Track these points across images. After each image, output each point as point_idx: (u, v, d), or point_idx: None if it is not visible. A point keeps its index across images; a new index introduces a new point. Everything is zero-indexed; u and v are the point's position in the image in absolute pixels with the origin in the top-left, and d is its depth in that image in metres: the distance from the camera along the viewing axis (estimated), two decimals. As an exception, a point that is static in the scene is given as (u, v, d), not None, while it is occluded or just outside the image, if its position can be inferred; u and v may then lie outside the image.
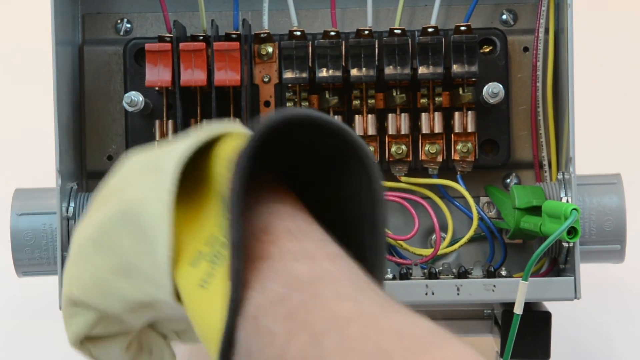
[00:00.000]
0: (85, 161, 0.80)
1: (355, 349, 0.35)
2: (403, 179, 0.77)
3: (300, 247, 0.41)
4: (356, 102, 0.76)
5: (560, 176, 0.74)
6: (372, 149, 0.76)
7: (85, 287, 0.50)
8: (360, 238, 0.44)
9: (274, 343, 0.37)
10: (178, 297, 0.44)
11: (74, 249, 0.52)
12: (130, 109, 0.75)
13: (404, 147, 0.76)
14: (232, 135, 0.44)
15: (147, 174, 0.46)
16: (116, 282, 0.48)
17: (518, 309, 0.67)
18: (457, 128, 0.76)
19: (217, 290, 0.40)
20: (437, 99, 0.76)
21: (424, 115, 0.76)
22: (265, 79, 0.78)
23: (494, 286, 0.72)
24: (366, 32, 0.75)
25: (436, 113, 0.76)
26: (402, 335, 0.35)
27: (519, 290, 0.67)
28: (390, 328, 0.36)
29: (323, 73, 0.74)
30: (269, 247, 0.41)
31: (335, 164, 0.45)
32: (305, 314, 0.37)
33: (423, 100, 0.76)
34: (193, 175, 0.44)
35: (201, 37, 0.76)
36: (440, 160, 0.76)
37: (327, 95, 0.76)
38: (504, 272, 0.75)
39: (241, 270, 0.39)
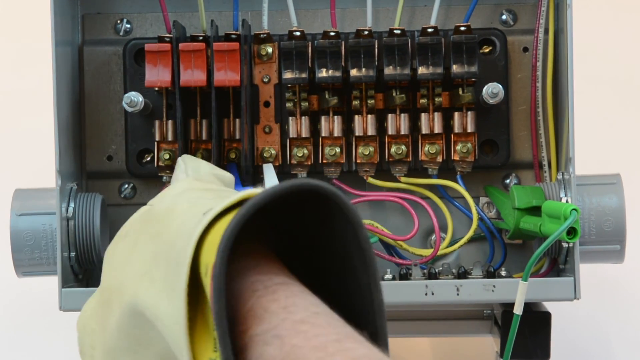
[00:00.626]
0: (85, 161, 0.80)
1: None
2: (403, 179, 0.77)
3: (265, 328, 0.40)
4: (356, 103, 0.76)
5: (560, 176, 0.74)
6: (371, 149, 0.76)
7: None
8: (361, 301, 0.44)
9: None
10: None
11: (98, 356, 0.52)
12: (130, 109, 0.75)
13: (403, 147, 0.76)
14: (217, 226, 0.43)
15: (150, 279, 0.45)
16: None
17: (518, 309, 0.67)
18: (457, 128, 0.76)
19: None
20: (436, 99, 0.76)
21: (423, 116, 0.76)
22: (265, 79, 0.78)
23: (494, 286, 0.72)
24: (366, 32, 0.75)
25: (436, 113, 0.76)
26: None
27: (518, 291, 0.67)
28: None
29: (323, 73, 0.74)
30: (242, 339, 0.41)
31: (327, 227, 0.44)
32: None
33: (423, 101, 0.76)
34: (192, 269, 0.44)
35: (201, 38, 0.76)
36: (440, 160, 0.76)
37: (326, 96, 0.76)
38: (503, 273, 0.75)
39: None
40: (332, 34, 0.75)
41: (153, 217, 0.49)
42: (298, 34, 0.76)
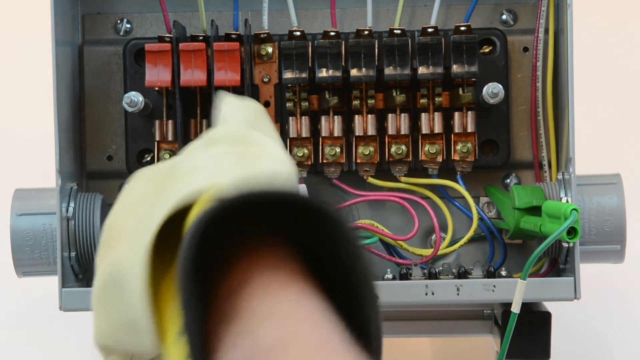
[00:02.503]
0: (85, 161, 0.80)
1: None
2: (403, 179, 0.77)
3: (269, 308, 0.39)
4: (356, 102, 0.76)
5: (560, 176, 0.74)
6: (372, 149, 0.76)
7: (109, 335, 0.49)
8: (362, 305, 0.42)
9: None
10: None
11: (92, 297, 0.52)
12: (130, 109, 0.75)
13: (403, 147, 0.76)
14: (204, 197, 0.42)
15: (129, 233, 0.44)
16: (129, 337, 0.47)
17: (516, 308, 0.67)
18: (457, 128, 0.76)
19: None
20: (437, 99, 0.76)
21: (423, 116, 0.76)
22: (265, 79, 0.79)
23: (494, 286, 0.72)
24: (366, 32, 0.75)
25: (436, 113, 0.76)
26: None
27: (517, 290, 0.67)
28: None
29: (323, 73, 0.74)
30: (237, 309, 0.40)
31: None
32: None
33: (423, 101, 0.76)
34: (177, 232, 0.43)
35: (201, 38, 0.76)
36: (440, 160, 0.76)
37: (327, 96, 0.76)
38: (503, 272, 0.75)
39: (196, 353, 0.38)
40: (332, 34, 0.75)
41: (163, 172, 0.48)
42: (298, 34, 0.76)
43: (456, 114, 0.76)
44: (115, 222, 0.47)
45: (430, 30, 0.75)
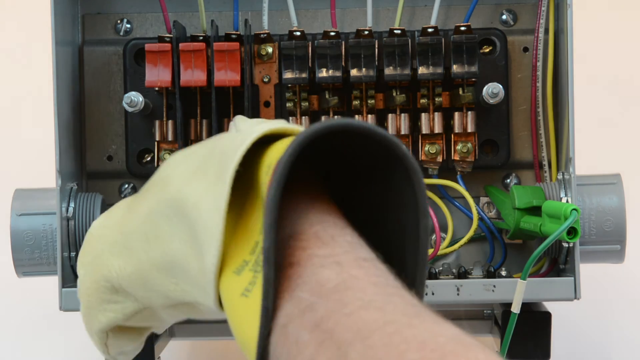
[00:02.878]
0: (85, 161, 0.80)
1: (378, 359, 0.35)
2: (403, 179, 0.77)
3: (329, 252, 0.41)
4: (356, 103, 0.76)
5: (560, 176, 0.74)
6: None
7: (129, 279, 0.50)
8: (402, 253, 0.44)
9: (302, 353, 0.38)
10: (221, 303, 0.44)
11: (112, 236, 0.52)
12: (130, 109, 0.75)
13: (403, 147, 0.76)
14: (280, 139, 0.44)
15: (199, 174, 0.46)
16: (161, 279, 0.49)
17: (516, 308, 0.67)
18: (457, 128, 0.76)
19: (256, 299, 0.41)
20: (437, 99, 0.76)
21: (423, 116, 0.76)
22: (265, 79, 0.79)
23: (494, 286, 0.72)
24: (366, 32, 0.75)
25: (436, 113, 0.76)
26: (425, 345, 0.35)
27: (517, 290, 0.67)
28: (414, 337, 0.36)
29: (323, 73, 0.74)
30: (298, 253, 0.41)
31: (380, 174, 0.45)
32: (331, 323, 0.37)
33: (423, 101, 0.76)
34: (243, 179, 0.45)
35: (201, 38, 0.76)
36: (440, 160, 0.76)
37: (327, 96, 0.76)
38: (503, 273, 0.75)
39: (272, 279, 0.40)
40: (332, 34, 0.75)
41: (211, 140, 0.50)
42: (298, 34, 0.76)
43: (456, 114, 0.76)
44: (165, 173, 0.50)
45: (430, 30, 0.75)
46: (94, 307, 0.54)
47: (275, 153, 0.43)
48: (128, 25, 0.81)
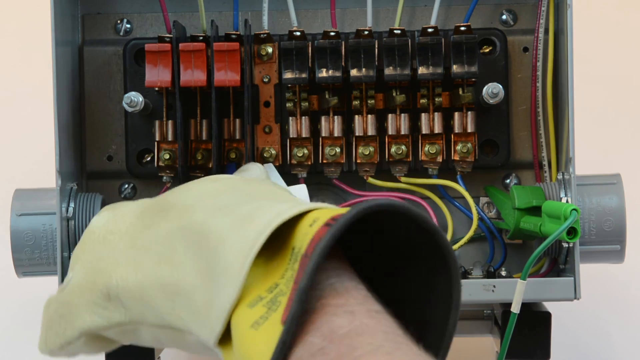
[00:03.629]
0: (85, 161, 0.80)
1: None
2: (403, 179, 0.77)
3: (342, 302, 0.43)
4: (356, 103, 0.76)
5: (560, 176, 0.74)
6: (372, 149, 0.76)
7: (129, 290, 0.51)
8: (428, 337, 0.46)
9: None
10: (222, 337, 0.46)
11: (121, 245, 0.53)
12: (130, 109, 0.75)
13: (403, 147, 0.76)
14: (315, 211, 0.47)
15: (227, 212, 0.49)
16: (161, 300, 0.50)
17: (515, 308, 0.68)
18: (457, 128, 0.76)
19: (267, 332, 0.42)
20: (437, 99, 0.76)
21: (423, 116, 0.76)
22: (265, 79, 0.78)
23: (494, 286, 0.72)
24: (366, 32, 0.75)
25: (436, 113, 0.76)
26: None
27: (516, 290, 0.67)
28: None
29: (323, 73, 0.74)
30: (313, 302, 0.43)
31: (411, 253, 0.47)
32: None
33: (423, 101, 0.76)
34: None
35: (201, 38, 0.76)
36: (440, 160, 0.76)
37: (326, 96, 0.76)
38: (503, 273, 0.75)
39: (297, 317, 0.42)
40: (332, 34, 0.75)
41: (246, 180, 0.55)
42: (298, 34, 0.76)
43: (456, 114, 0.76)
44: (190, 201, 0.53)
45: (430, 30, 0.74)
46: (83, 306, 0.55)
47: (323, 215, 0.45)
48: (128, 25, 0.81)
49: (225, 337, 0.46)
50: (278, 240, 0.47)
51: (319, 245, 0.42)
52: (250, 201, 0.50)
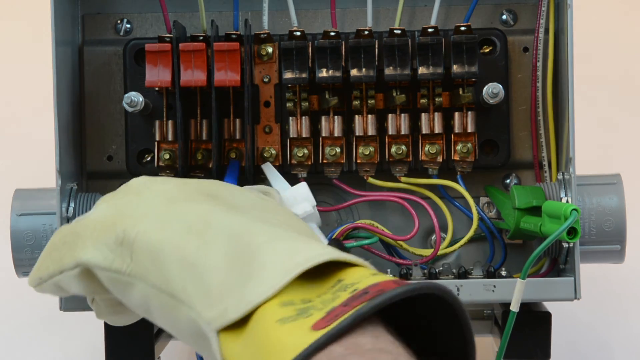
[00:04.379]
0: (85, 161, 0.80)
1: None
2: (403, 179, 0.77)
3: (368, 330, 0.44)
4: (356, 103, 0.76)
5: (560, 176, 0.74)
6: (372, 149, 0.76)
7: (147, 244, 0.52)
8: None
9: None
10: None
11: (154, 204, 0.54)
12: (130, 109, 0.75)
13: (404, 147, 0.76)
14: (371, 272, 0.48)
15: (274, 222, 0.52)
16: (172, 265, 0.50)
17: (515, 307, 0.67)
18: (457, 128, 0.76)
19: (293, 330, 0.43)
20: (437, 99, 0.76)
21: (423, 116, 0.76)
22: (265, 79, 0.79)
23: (494, 286, 0.72)
24: (366, 32, 0.75)
25: (436, 113, 0.76)
26: None
27: (516, 289, 0.67)
28: None
29: (323, 73, 0.74)
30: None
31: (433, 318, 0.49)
32: None
33: (423, 101, 0.76)
34: None
35: (201, 38, 0.76)
36: (440, 160, 0.76)
37: (327, 96, 0.76)
38: (504, 273, 0.75)
39: (344, 329, 0.43)
40: (332, 34, 0.75)
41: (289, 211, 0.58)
42: (298, 34, 0.76)
43: (456, 114, 0.76)
44: (236, 200, 0.56)
45: (430, 30, 0.74)
46: (91, 240, 0.55)
47: (378, 278, 0.47)
48: (128, 25, 0.81)
49: (227, 327, 0.47)
50: (315, 269, 0.48)
51: (387, 293, 0.44)
52: (303, 230, 0.52)
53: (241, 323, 0.46)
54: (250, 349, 0.45)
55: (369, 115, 0.76)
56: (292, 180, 0.76)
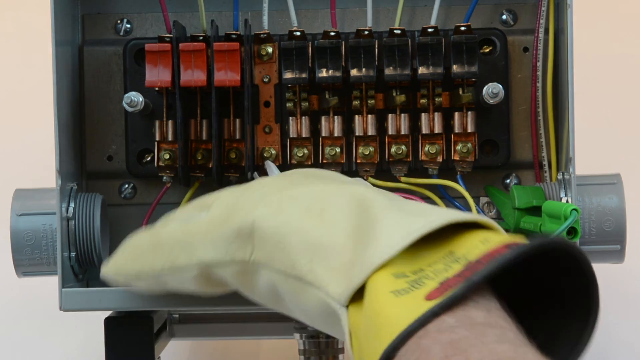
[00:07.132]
0: (85, 161, 0.80)
1: None
2: (403, 179, 0.77)
3: (480, 304, 0.43)
4: (356, 103, 0.76)
5: (560, 176, 0.74)
6: (372, 149, 0.76)
7: (264, 229, 0.52)
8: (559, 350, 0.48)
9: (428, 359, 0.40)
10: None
11: (268, 188, 0.55)
12: (130, 109, 0.75)
13: (403, 147, 0.76)
14: (484, 231, 0.48)
15: (386, 195, 0.52)
16: (296, 248, 0.50)
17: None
18: (457, 128, 0.76)
19: (407, 302, 0.43)
20: (437, 99, 0.76)
21: (423, 116, 0.76)
22: (265, 79, 0.79)
23: (494, 286, 0.72)
24: (366, 32, 0.75)
25: (436, 113, 0.76)
26: None
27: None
28: None
29: (323, 73, 0.74)
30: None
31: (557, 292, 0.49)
32: (466, 344, 0.40)
33: (423, 101, 0.76)
34: None
35: (201, 38, 0.76)
36: (440, 160, 0.76)
37: (327, 96, 0.76)
38: (503, 273, 0.75)
39: (455, 299, 0.42)
40: (332, 34, 0.75)
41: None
42: (298, 34, 0.76)
43: (456, 114, 0.76)
44: (341, 178, 0.58)
45: (430, 30, 0.75)
46: (207, 239, 0.55)
47: (495, 238, 0.46)
48: (128, 25, 0.81)
49: (352, 299, 0.47)
50: (426, 238, 0.48)
51: (497, 258, 0.43)
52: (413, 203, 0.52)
53: (362, 294, 0.47)
54: (366, 319, 0.45)
55: (369, 115, 0.76)
56: (292, 180, 0.76)
